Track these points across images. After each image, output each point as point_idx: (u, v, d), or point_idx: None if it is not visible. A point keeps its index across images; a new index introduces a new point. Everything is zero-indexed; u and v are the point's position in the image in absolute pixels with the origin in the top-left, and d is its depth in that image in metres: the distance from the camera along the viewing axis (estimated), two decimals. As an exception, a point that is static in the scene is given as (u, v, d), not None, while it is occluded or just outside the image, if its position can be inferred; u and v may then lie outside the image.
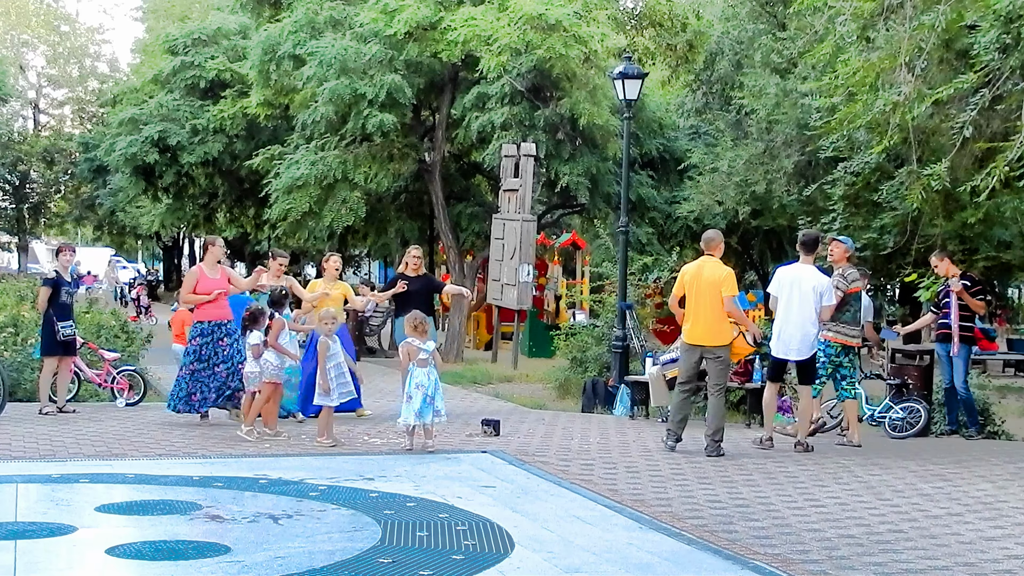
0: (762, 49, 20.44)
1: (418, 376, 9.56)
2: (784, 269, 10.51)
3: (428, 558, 5.87)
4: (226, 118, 27.77)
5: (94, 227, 54.35)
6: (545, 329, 22.65)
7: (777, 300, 10.31)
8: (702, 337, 10.03)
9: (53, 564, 5.76)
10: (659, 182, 24.64)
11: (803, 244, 10.46)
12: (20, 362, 13.14)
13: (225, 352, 10.99)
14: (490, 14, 19.54)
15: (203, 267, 11.41)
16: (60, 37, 58.54)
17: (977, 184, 10.63)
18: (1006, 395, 16.19)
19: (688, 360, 10.18)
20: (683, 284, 10.17)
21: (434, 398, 9.57)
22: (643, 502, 7.65)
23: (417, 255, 12.70)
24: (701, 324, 10.01)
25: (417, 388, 9.52)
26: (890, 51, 11.50)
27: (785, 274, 10.36)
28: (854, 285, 10.76)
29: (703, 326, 10.01)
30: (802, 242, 10.50)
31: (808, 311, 10.11)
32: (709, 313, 9.98)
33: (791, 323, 10.14)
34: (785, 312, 10.18)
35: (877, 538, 6.75)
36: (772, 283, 10.51)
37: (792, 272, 10.33)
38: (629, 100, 14.92)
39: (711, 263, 10.14)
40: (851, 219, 16.19)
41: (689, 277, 10.11)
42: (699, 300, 9.99)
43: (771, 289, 10.51)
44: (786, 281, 10.26)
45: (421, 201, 25.34)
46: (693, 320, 10.06)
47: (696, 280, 10.04)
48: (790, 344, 10.17)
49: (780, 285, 10.30)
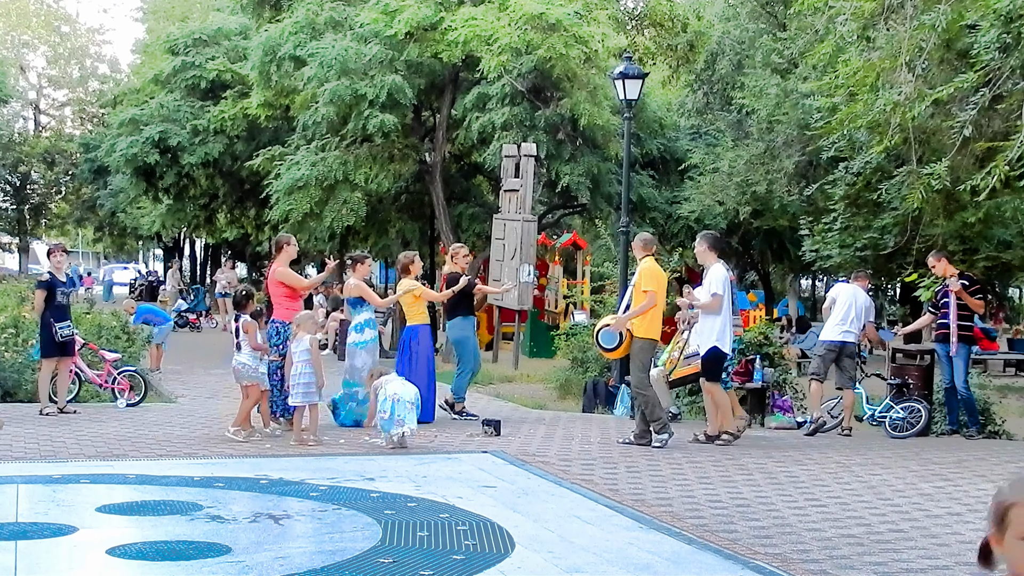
0: (763, 49, 20.46)
1: (394, 385, 9.62)
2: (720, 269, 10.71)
3: (429, 558, 5.87)
4: (227, 119, 27.79)
5: (95, 228, 54.33)
6: (546, 329, 22.65)
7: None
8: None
9: (54, 565, 5.76)
10: (660, 182, 24.66)
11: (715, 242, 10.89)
12: (21, 363, 13.14)
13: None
14: (490, 14, 19.55)
15: (284, 267, 11.02)
16: (60, 38, 58.56)
17: (977, 184, 10.63)
18: (1007, 395, 16.18)
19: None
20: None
21: (414, 404, 9.67)
22: (644, 502, 7.65)
23: (466, 254, 12.67)
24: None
25: (396, 399, 9.52)
26: (890, 51, 11.50)
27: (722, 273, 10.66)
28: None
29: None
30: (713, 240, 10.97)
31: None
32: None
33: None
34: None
35: (878, 537, 6.75)
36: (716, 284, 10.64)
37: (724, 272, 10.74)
38: (630, 100, 14.93)
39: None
40: (852, 219, 16.20)
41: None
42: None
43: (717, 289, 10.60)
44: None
45: (422, 202, 25.35)
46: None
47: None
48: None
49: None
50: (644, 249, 10.59)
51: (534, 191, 19.89)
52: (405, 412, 9.53)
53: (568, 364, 16.55)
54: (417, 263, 12.06)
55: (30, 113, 57.67)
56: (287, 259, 10.98)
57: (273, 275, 10.98)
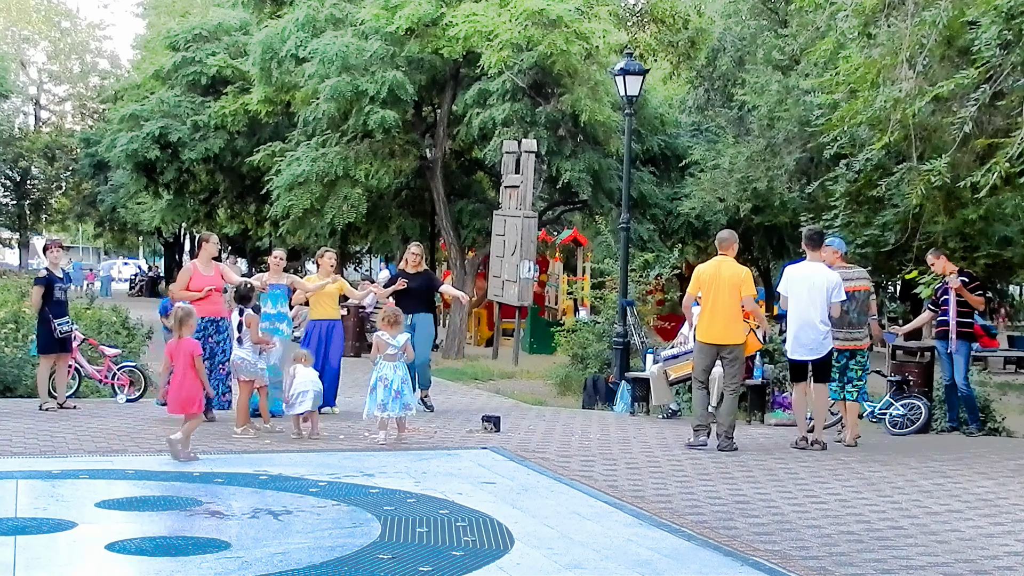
0: (764, 46, 20.44)
1: (383, 369, 9.73)
2: (794, 267, 10.41)
3: (428, 554, 5.87)
4: (227, 115, 27.77)
5: (95, 224, 54.33)
6: (546, 326, 22.66)
7: (787, 299, 10.21)
8: (720, 336, 10.02)
9: (53, 560, 5.76)
10: (660, 179, 24.64)
11: (809, 239, 10.41)
12: (21, 358, 13.14)
13: (220, 347, 10.94)
14: (491, 10, 19.53)
15: (197, 263, 11.40)
16: (61, 33, 58.50)
17: (978, 181, 10.62)
18: (1007, 392, 16.17)
19: (706, 358, 10.16)
20: (700, 283, 10.14)
21: (401, 392, 9.72)
22: (643, 498, 7.65)
23: (417, 252, 12.72)
24: (719, 323, 9.99)
25: (379, 381, 9.67)
26: (891, 47, 11.49)
27: (795, 272, 10.27)
28: (854, 284, 10.70)
29: (721, 325, 10.00)
30: (808, 238, 10.45)
31: (821, 309, 10.06)
32: (727, 312, 9.98)
33: (806, 323, 10.08)
34: (798, 312, 10.11)
35: (877, 535, 6.75)
36: (782, 282, 10.41)
37: (802, 270, 10.25)
38: (631, 96, 14.91)
39: (728, 263, 10.13)
40: (853, 216, 16.18)
41: (707, 277, 10.09)
42: (717, 299, 9.98)
43: (781, 288, 10.40)
44: (797, 279, 10.18)
45: (422, 198, 25.35)
46: (711, 319, 10.03)
47: (715, 280, 10.02)
48: (807, 344, 10.12)
49: (791, 284, 10.20)
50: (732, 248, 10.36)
51: (535, 187, 19.88)
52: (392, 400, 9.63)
53: (568, 360, 16.56)
54: (327, 258, 12.20)
55: (30, 108, 57.62)
56: (207, 256, 11.37)
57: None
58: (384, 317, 10.06)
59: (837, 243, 11.06)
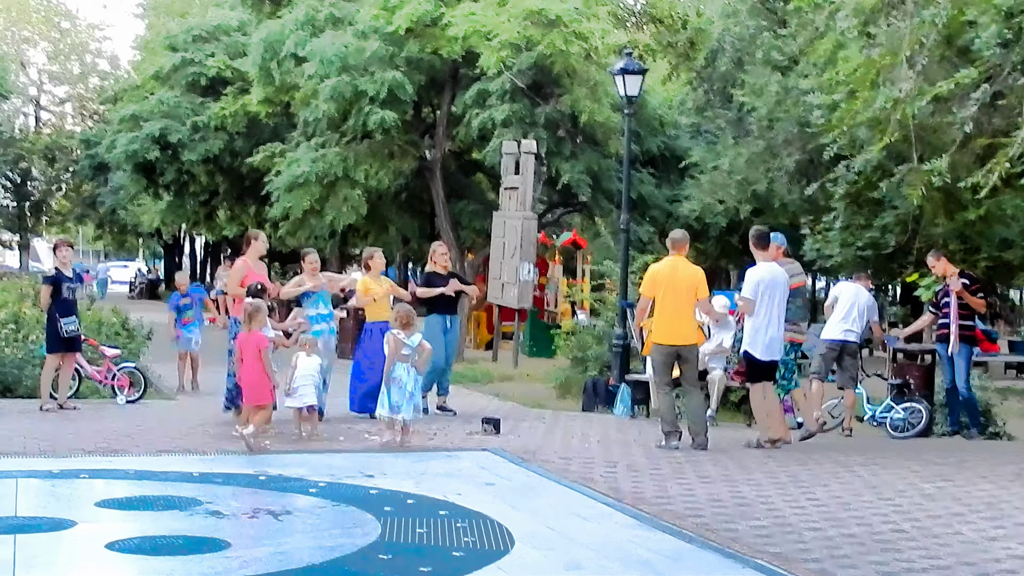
0: (763, 46, 20.43)
1: (396, 370, 9.60)
2: (756, 271, 10.23)
3: (428, 555, 5.85)
4: (227, 115, 27.80)
5: (95, 225, 54.33)
6: (545, 329, 22.64)
7: (752, 302, 10.06)
8: (682, 337, 9.99)
9: (53, 559, 5.75)
10: (660, 180, 24.65)
11: (759, 240, 10.35)
12: (21, 359, 13.13)
13: None
14: (490, 10, 19.55)
15: (248, 260, 11.22)
16: (61, 34, 58.50)
17: (978, 181, 10.61)
18: (1008, 397, 16.11)
19: (667, 361, 10.10)
20: (656, 285, 9.98)
21: (412, 395, 9.63)
22: (644, 500, 7.62)
23: (445, 252, 12.62)
24: (680, 324, 9.96)
25: (393, 382, 9.56)
26: (891, 47, 11.47)
27: (759, 275, 10.15)
28: (796, 280, 10.77)
29: (680, 326, 9.97)
30: (758, 238, 10.39)
31: (785, 309, 10.14)
32: (686, 313, 9.98)
33: (776, 325, 10.08)
34: (769, 314, 10.06)
35: (879, 537, 6.73)
36: (747, 286, 10.22)
37: (768, 272, 10.17)
38: (630, 96, 14.89)
39: (683, 263, 10.07)
40: (853, 218, 16.19)
41: (663, 278, 9.96)
42: (677, 301, 9.91)
43: (747, 293, 10.17)
44: (764, 283, 10.10)
45: (422, 199, 25.34)
46: (671, 321, 9.94)
47: (672, 281, 9.92)
48: (778, 346, 10.14)
49: (758, 288, 10.08)
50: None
51: (534, 189, 19.87)
52: (406, 401, 9.58)
53: (568, 363, 16.53)
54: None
55: (30, 109, 57.64)
56: (256, 254, 11.32)
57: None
58: (397, 317, 9.79)
59: (779, 238, 11.02)
